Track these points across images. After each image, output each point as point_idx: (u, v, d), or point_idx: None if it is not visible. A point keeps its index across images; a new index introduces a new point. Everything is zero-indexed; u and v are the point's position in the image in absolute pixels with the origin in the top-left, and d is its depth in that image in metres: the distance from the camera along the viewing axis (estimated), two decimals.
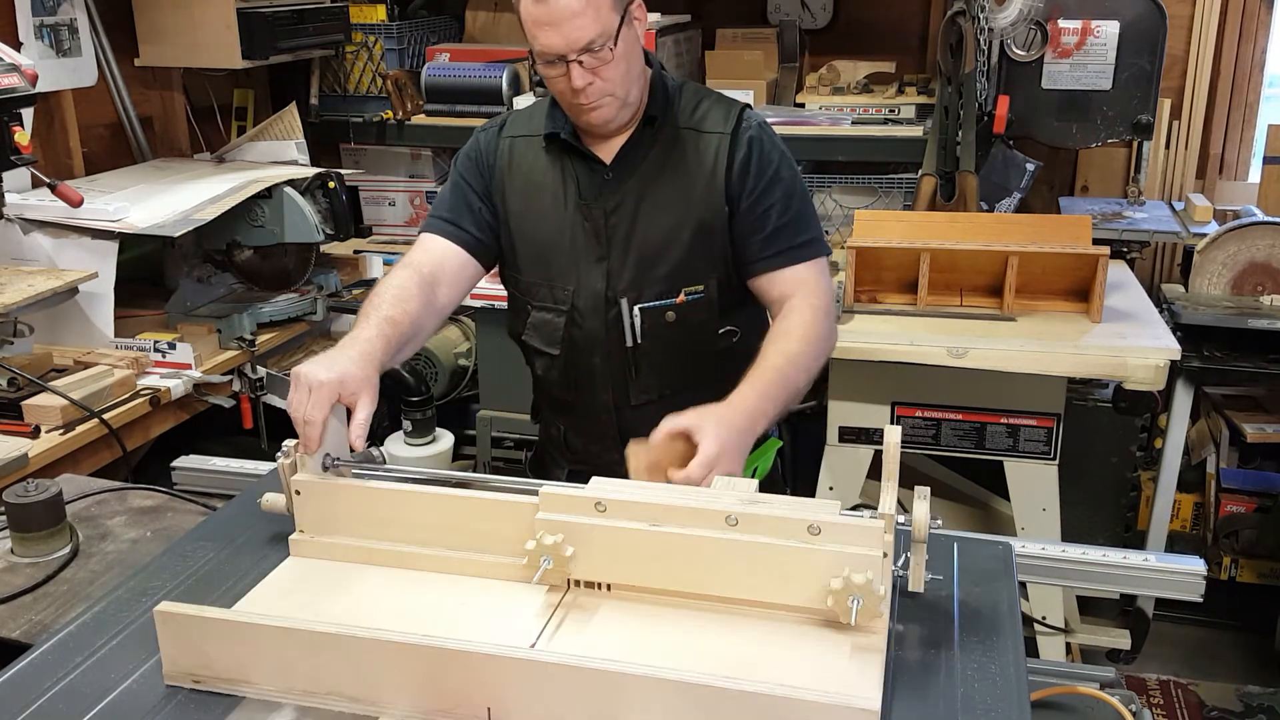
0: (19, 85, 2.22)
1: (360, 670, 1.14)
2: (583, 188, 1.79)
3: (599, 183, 1.78)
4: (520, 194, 1.83)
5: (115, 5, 3.07)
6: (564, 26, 1.61)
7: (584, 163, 1.80)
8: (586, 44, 1.62)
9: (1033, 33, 3.01)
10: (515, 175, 1.83)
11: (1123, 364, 2.38)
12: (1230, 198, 3.43)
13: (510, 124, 1.89)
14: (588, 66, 1.64)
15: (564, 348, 1.84)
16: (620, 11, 1.65)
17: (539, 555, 1.30)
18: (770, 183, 1.76)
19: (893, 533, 1.24)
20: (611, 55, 1.64)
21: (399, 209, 3.73)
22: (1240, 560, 3.21)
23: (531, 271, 1.84)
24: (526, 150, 1.83)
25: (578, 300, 1.80)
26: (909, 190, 3.10)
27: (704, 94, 1.84)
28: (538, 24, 1.63)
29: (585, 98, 1.67)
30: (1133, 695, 1.32)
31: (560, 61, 1.65)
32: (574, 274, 1.80)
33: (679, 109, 1.79)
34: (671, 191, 1.76)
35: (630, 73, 1.70)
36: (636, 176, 1.77)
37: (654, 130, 1.77)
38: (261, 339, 2.69)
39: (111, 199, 2.59)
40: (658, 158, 1.77)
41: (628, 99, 1.72)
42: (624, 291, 1.78)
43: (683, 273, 1.77)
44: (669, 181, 1.77)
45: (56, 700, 1.18)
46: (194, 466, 1.87)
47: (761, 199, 1.75)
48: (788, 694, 1.03)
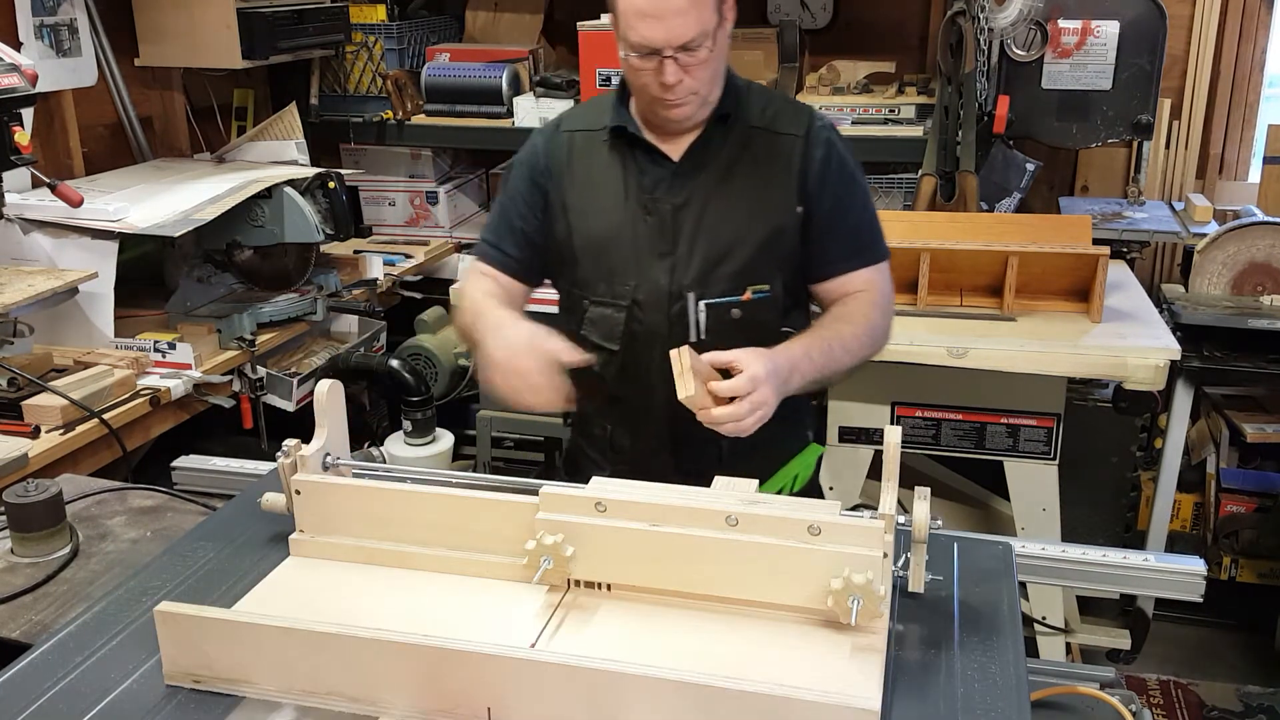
0: (19, 85, 2.22)
1: (360, 670, 1.14)
2: (646, 182, 1.77)
3: (665, 178, 1.77)
4: (579, 189, 1.81)
5: (115, 5, 3.07)
6: (668, 21, 1.59)
7: (649, 157, 1.78)
8: (686, 41, 1.60)
9: (1033, 33, 3.01)
10: (575, 170, 1.82)
11: (1123, 364, 2.38)
12: (1230, 198, 3.43)
13: (568, 119, 1.88)
14: (682, 64, 1.63)
15: (623, 343, 1.80)
16: (718, 10, 1.64)
17: (539, 555, 1.30)
18: (848, 186, 1.77)
19: (893, 533, 1.24)
20: (708, 55, 1.63)
21: (399, 209, 3.73)
22: (1240, 560, 3.21)
23: (590, 267, 1.81)
24: (587, 145, 1.81)
25: (639, 295, 1.77)
26: (909, 190, 3.10)
27: (771, 94, 1.84)
28: (640, 15, 1.60)
29: (673, 94, 1.66)
30: (1133, 695, 1.32)
31: (654, 55, 1.62)
32: (635, 269, 1.77)
33: (750, 107, 1.78)
34: (743, 190, 1.75)
35: (717, 73, 1.71)
36: (706, 173, 1.76)
37: (725, 128, 1.76)
38: (261, 339, 2.68)
39: (111, 199, 2.59)
40: (729, 156, 1.76)
41: (709, 98, 1.72)
42: (690, 287, 1.76)
43: (751, 270, 1.76)
44: (741, 180, 1.75)
45: (56, 700, 1.18)
46: (194, 466, 1.87)
47: (839, 202, 1.76)
48: (788, 694, 1.04)
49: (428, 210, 3.70)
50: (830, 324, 1.73)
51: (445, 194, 3.69)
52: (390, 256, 3.37)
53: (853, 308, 1.75)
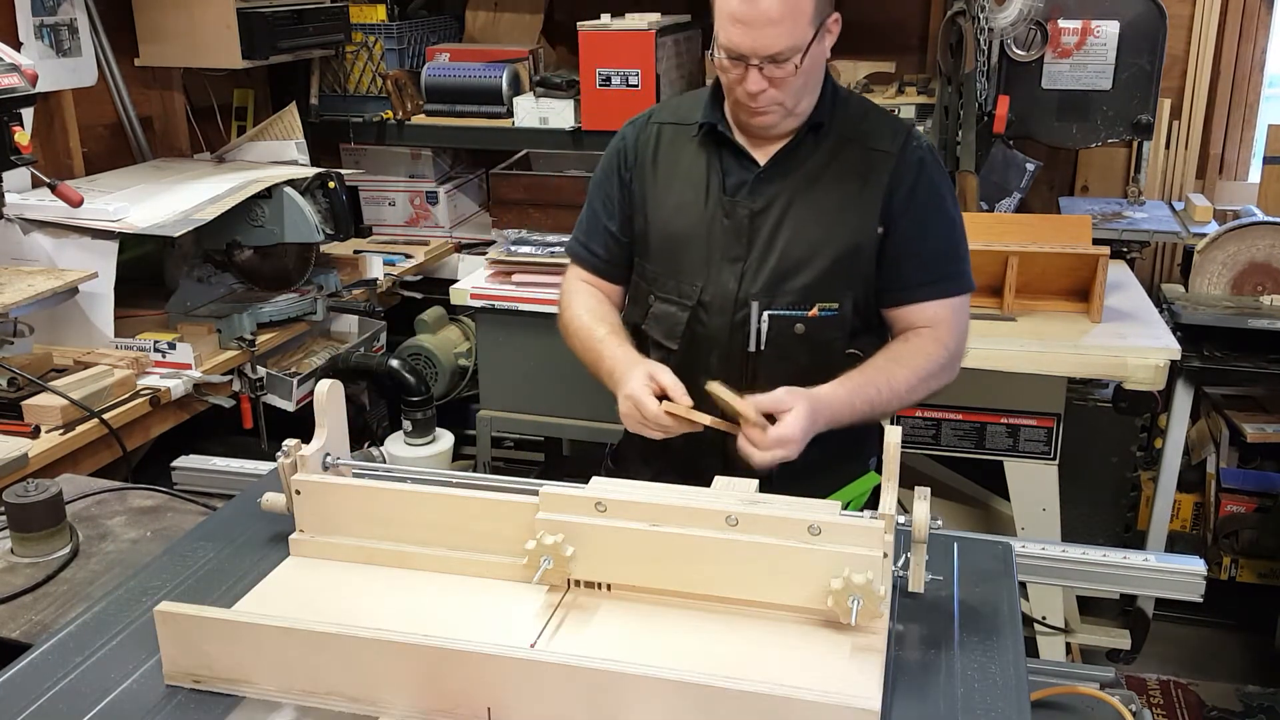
0: (19, 85, 2.22)
1: (360, 670, 1.14)
2: (729, 184, 1.73)
3: (748, 181, 1.73)
4: (662, 182, 1.78)
5: (115, 5, 3.07)
6: (758, 30, 1.55)
7: (735, 159, 1.74)
8: (775, 53, 1.57)
9: (1033, 33, 3.01)
10: (660, 162, 1.79)
11: (1123, 364, 2.38)
12: (1230, 198, 3.43)
13: (660, 110, 1.86)
14: (767, 74, 1.59)
15: (683, 343, 1.78)
16: (816, 25, 1.60)
17: (539, 555, 1.30)
18: (934, 211, 1.71)
19: (893, 533, 1.24)
20: (795, 70, 1.59)
21: (399, 209, 3.72)
22: (1240, 560, 3.21)
23: (661, 261, 1.79)
24: (675, 138, 1.78)
25: (705, 297, 1.74)
26: None
27: (870, 106, 1.79)
28: (732, 19, 1.57)
29: (756, 102, 1.63)
30: (1133, 695, 1.32)
31: (741, 61, 1.59)
32: (705, 270, 1.74)
33: (846, 117, 1.73)
34: (826, 201, 1.70)
35: (807, 87, 1.66)
36: (791, 180, 1.71)
37: (816, 137, 1.72)
38: (261, 339, 2.68)
39: (111, 199, 2.59)
40: (817, 165, 1.71)
41: (795, 109, 1.68)
42: (756, 295, 1.72)
43: (820, 287, 1.71)
44: (825, 191, 1.71)
45: (56, 700, 1.18)
46: (194, 466, 1.87)
47: (921, 227, 1.70)
48: (788, 694, 1.04)
49: (428, 210, 3.70)
50: (885, 365, 1.67)
51: (445, 194, 3.69)
52: (390, 256, 3.37)
53: (914, 345, 1.70)
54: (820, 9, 1.60)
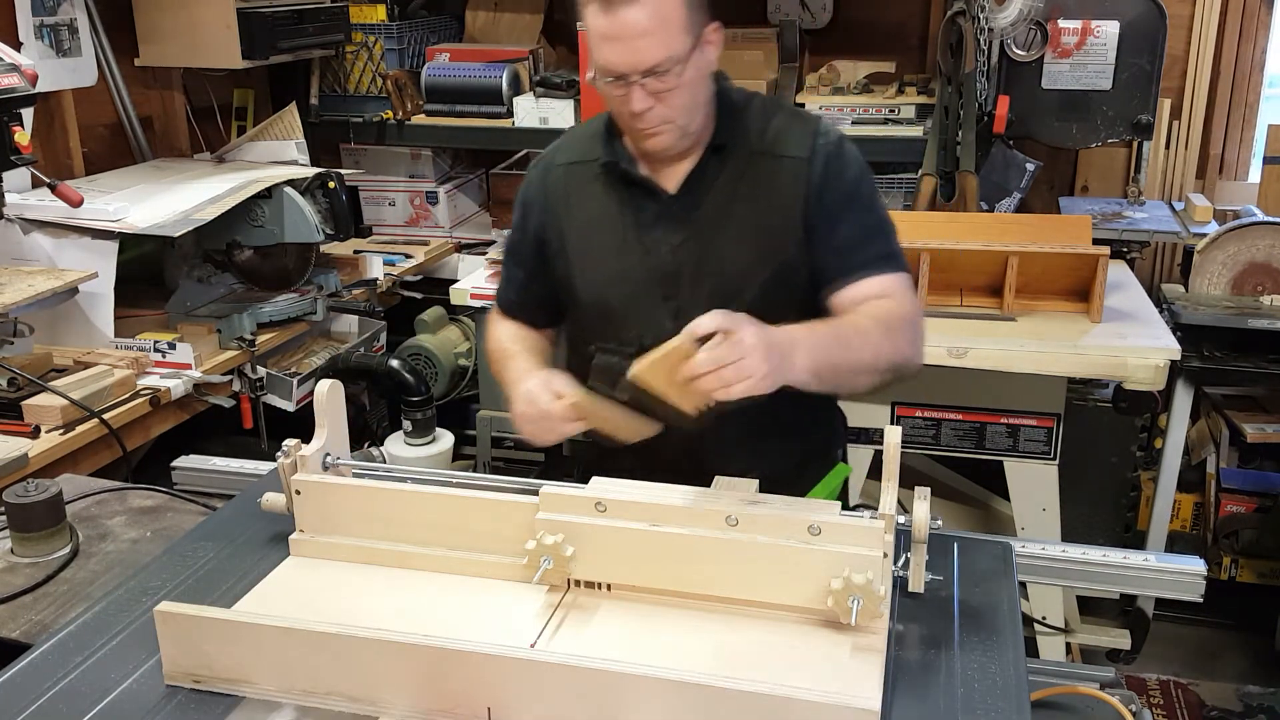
0: (19, 85, 2.22)
1: (360, 670, 1.14)
2: (644, 220, 1.65)
3: (663, 214, 1.64)
4: (579, 228, 1.70)
5: (115, 5, 3.07)
6: (630, 44, 1.48)
7: (644, 193, 1.65)
8: (652, 66, 1.48)
9: (1033, 33, 3.01)
10: (573, 207, 1.70)
11: (1123, 364, 2.38)
12: (1230, 198, 3.43)
13: (562, 149, 1.76)
14: (650, 90, 1.51)
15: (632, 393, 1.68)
16: (694, 34, 1.52)
17: (539, 555, 1.30)
18: (848, 196, 1.62)
19: (893, 533, 1.24)
20: (678, 81, 1.51)
21: (399, 209, 3.73)
22: (1240, 560, 3.21)
23: (594, 312, 1.71)
24: (582, 179, 1.70)
25: (645, 342, 1.62)
26: (909, 190, 3.10)
27: (773, 109, 1.69)
28: (603, 37, 1.50)
29: (644, 122, 1.55)
30: (1133, 695, 1.31)
31: (622, 81, 1.51)
32: (639, 315, 1.66)
33: (748, 130, 1.64)
34: (746, 224, 1.62)
35: (696, 101, 1.57)
36: (704, 208, 1.63)
37: (721, 158, 1.63)
38: (261, 339, 2.68)
39: (111, 199, 2.59)
40: (727, 186, 1.63)
41: (689, 127, 1.59)
42: None
43: (761, 312, 1.57)
44: (742, 213, 1.62)
45: (56, 700, 1.18)
46: (194, 466, 1.87)
47: (839, 213, 1.61)
48: (788, 694, 1.04)
49: (428, 210, 3.70)
50: (843, 318, 1.55)
51: (445, 194, 3.69)
52: (390, 256, 3.37)
53: (870, 307, 1.56)
54: (694, 17, 1.52)
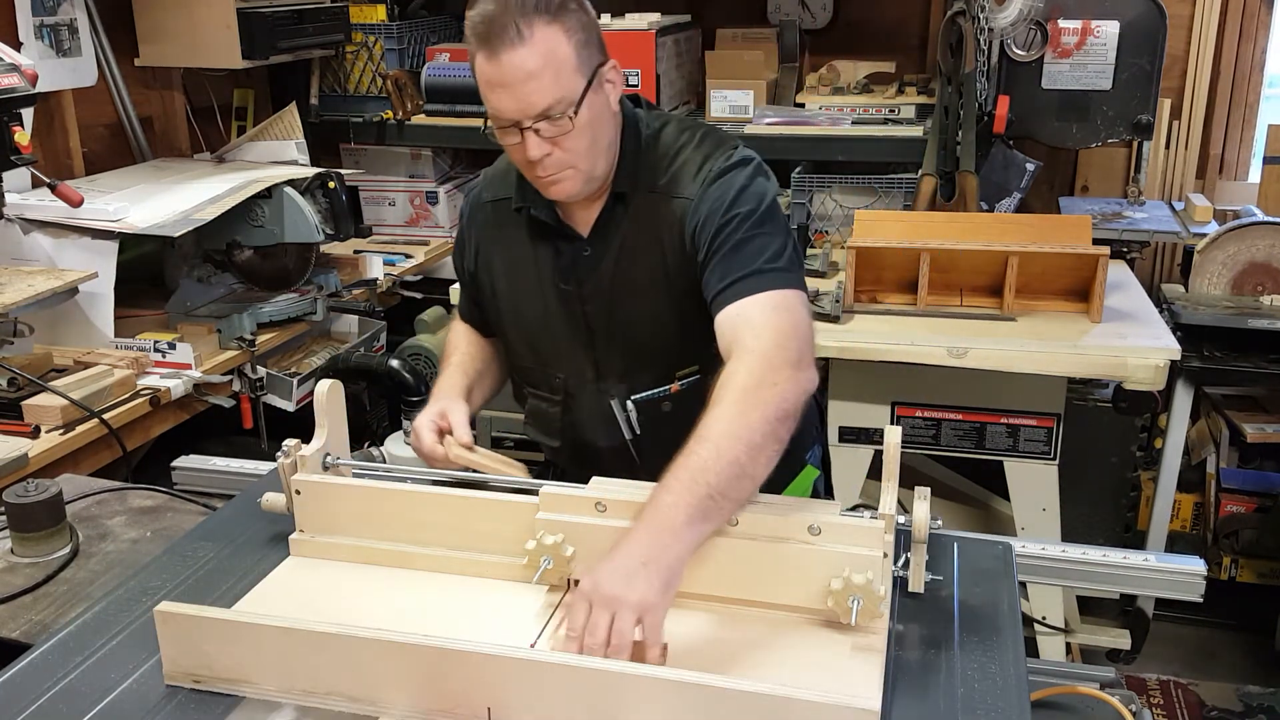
0: (19, 85, 2.22)
1: (360, 670, 1.14)
2: (561, 265, 1.61)
3: (577, 260, 1.60)
4: (504, 270, 1.67)
5: (115, 5, 3.07)
6: (517, 90, 1.40)
7: (561, 237, 1.61)
8: (543, 110, 1.42)
9: (1033, 33, 3.01)
10: (498, 247, 1.67)
11: (1123, 364, 2.38)
12: (1230, 198, 3.43)
13: (488, 185, 1.71)
14: (545, 135, 1.44)
15: (564, 439, 1.71)
16: (587, 74, 1.44)
17: (539, 555, 1.30)
18: (725, 212, 1.50)
19: (893, 533, 1.24)
20: (572, 125, 1.43)
21: (399, 209, 3.73)
22: (1240, 560, 3.21)
23: (523, 354, 1.71)
24: (505, 218, 1.65)
25: (570, 387, 1.66)
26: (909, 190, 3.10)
27: (682, 142, 1.58)
28: (489, 84, 1.43)
29: (542, 170, 1.48)
30: (1133, 695, 1.31)
31: (515, 128, 1.44)
32: (563, 362, 1.66)
33: (652, 169, 1.56)
34: (645, 270, 1.56)
35: (597, 144, 1.50)
36: (611, 255, 1.58)
37: (625, 206, 1.57)
38: (261, 339, 2.68)
39: (111, 199, 2.59)
40: (629, 234, 1.56)
41: (593, 171, 1.52)
42: (615, 384, 1.63)
43: (674, 356, 1.58)
44: (643, 258, 1.56)
45: (56, 700, 1.18)
46: (194, 466, 1.87)
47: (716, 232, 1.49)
48: (788, 694, 1.03)
49: (428, 210, 3.70)
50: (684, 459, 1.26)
51: (445, 194, 3.69)
52: (390, 256, 3.36)
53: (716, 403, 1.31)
54: (586, 56, 1.45)
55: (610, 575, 1.16)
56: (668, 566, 1.18)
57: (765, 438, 1.28)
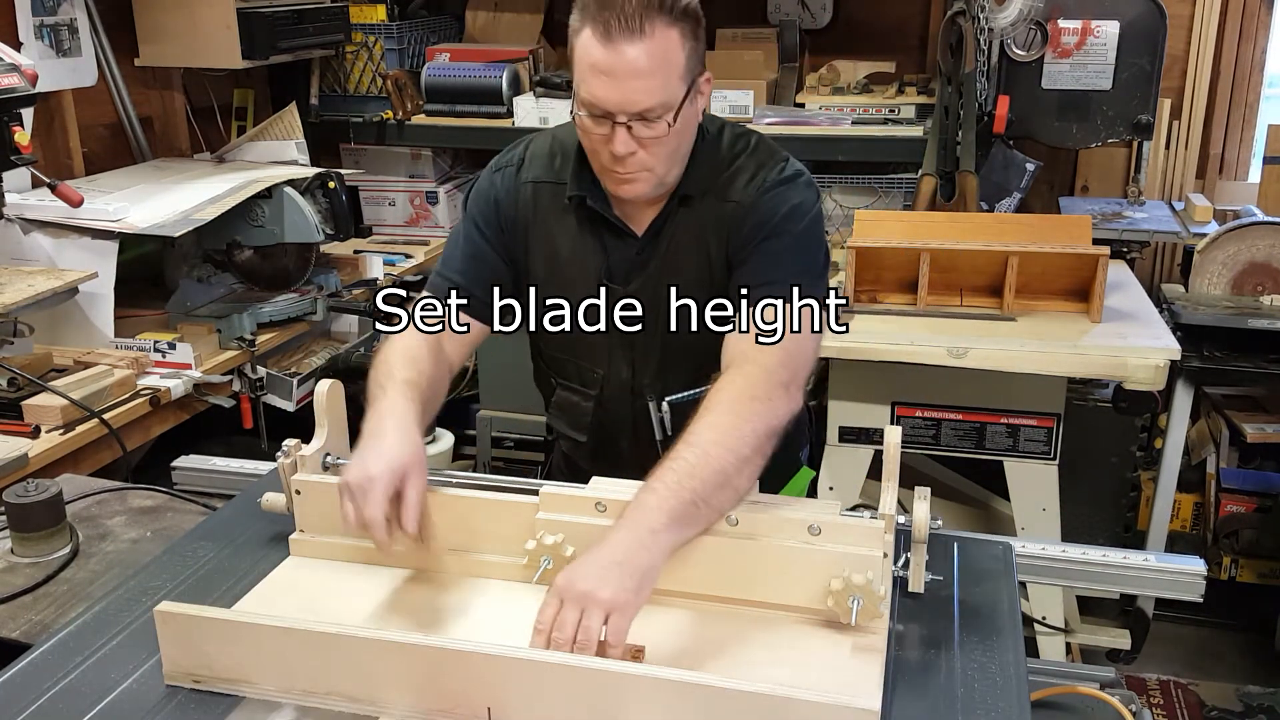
0: (19, 85, 2.22)
1: (360, 670, 1.14)
2: (613, 263, 1.58)
3: (630, 257, 1.58)
4: (545, 258, 1.62)
5: (115, 5, 3.07)
6: (625, 83, 1.38)
7: (614, 235, 1.58)
8: (644, 110, 1.40)
9: (1033, 33, 3.01)
10: (539, 233, 1.62)
11: (1123, 364, 2.38)
12: (1230, 198, 3.43)
13: (530, 164, 1.64)
14: (636, 134, 1.42)
15: (591, 433, 1.70)
16: (689, 82, 1.44)
17: (539, 555, 1.30)
18: (774, 226, 1.50)
19: (893, 533, 1.24)
20: (667, 130, 1.42)
21: (399, 209, 3.73)
22: (1240, 560, 3.21)
23: (558, 346, 1.68)
24: (552, 203, 1.60)
25: (606, 385, 1.65)
26: (909, 190, 3.10)
27: (738, 148, 1.58)
28: (595, 70, 1.39)
29: (623, 167, 1.45)
30: (1133, 695, 1.31)
31: (606, 119, 1.41)
32: (599, 358, 1.64)
33: (713, 174, 1.57)
34: (693, 271, 1.56)
35: (679, 151, 1.50)
36: (662, 255, 1.57)
37: (688, 208, 1.56)
38: (261, 339, 2.68)
39: (111, 199, 2.59)
40: (683, 234, 1.56)
41: (666, 178, 1.51)
42: (650, 384, 1.62)
43: (712, 359, 1.52)
44: (691, 261, 1.56)
45: (56, 700, 1.18)
46: (194, 466, 1.87)
47: (759, 243, 1.50)
48: (788, 694, 1.03)
49: (428, 210, 3.70)
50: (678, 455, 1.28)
51: (445, 194, 3.69)
52: (390, 256, 3.37)
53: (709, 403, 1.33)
54: (692, 64, 1.44)
55: (583, 572, 1.16)
56: (642, 567, 1.18)
57: (753, 451, 1.29)
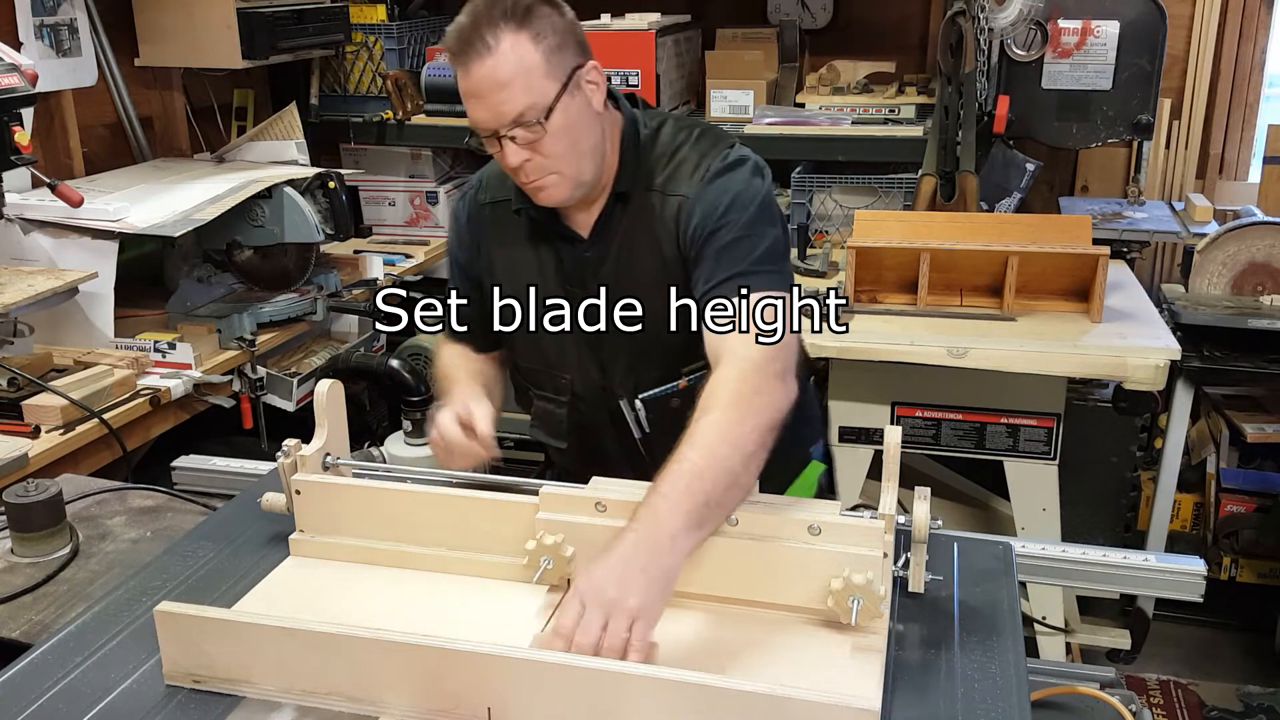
0: (19, 85, 2.22)
1: (360, 670, 1.14)
2: (565, 269, 1.61)
3: (579, 261, 1.60)
4: (506, 272, 1.66)
5: (115, 5, 3.07)
6: (489, 99, 1.43)
7: (562, 238, 1.61)
8: (515, 117, 1.43)
9: (1033, 33, 3.01)
10: (500, 249, 1.66)
11: (1123, 364, 2.38)
12: (1230, 198, 3.43)
13: (485, 186, 1.70)
14: (521, 142, 1.45)
15: (571, 440, 1.72)
16: (560, 79, 1.44)
17: (539, 555, 1.30)
18: (720, 215, 1.49)
19: (893, 533, 1.24)
20: (545, 130, 1.44)
21: (399, 209, 3.73)
22: (1240, 560, 3.21)
23: (528, 357, 1.71)
24: (504, 219, 1.65)
25: (577, 388, 1.67)
26: (909, 190, 3.10)
27: (679, 140, 1.58)
28: (465, 96, 1.47)
29: (525, 176, 1.49)
30: (1133, 695, 1.31)
31: (493, 138, 1.46)
32: (569, 364, 1.66)
33: (651, 169, 1.56)
34: (647, 267, 1.56)
35: (578, 147, 1.49)
36: (614, 255, 1.58)
37: (625, 205, 1.56)
38: (261, 339, 2.68)
39: (111, 199, 2.59)
40: (630, 233, 1.56)
41: (580, 176, 1.51)
42: (621, 383, 1.63)
43: (680, 353, 1.56)
44: (642, 257, 1.56)
45: (56, 700, 1.18)
46: (194, 466, 1.87)
47: (710, 234, 1.49)
48: (788, 694, 1.03)
49: (428, 210, 3.70)
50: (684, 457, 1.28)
51: (445, 194, 3.69)
52: (390, 256, 3.36)
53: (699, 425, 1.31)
54: (559, 61, 1.44)
55: (608, 578, 1.17)
56: (664, 573, 1.19)
57: (757, 446, 1.30)
